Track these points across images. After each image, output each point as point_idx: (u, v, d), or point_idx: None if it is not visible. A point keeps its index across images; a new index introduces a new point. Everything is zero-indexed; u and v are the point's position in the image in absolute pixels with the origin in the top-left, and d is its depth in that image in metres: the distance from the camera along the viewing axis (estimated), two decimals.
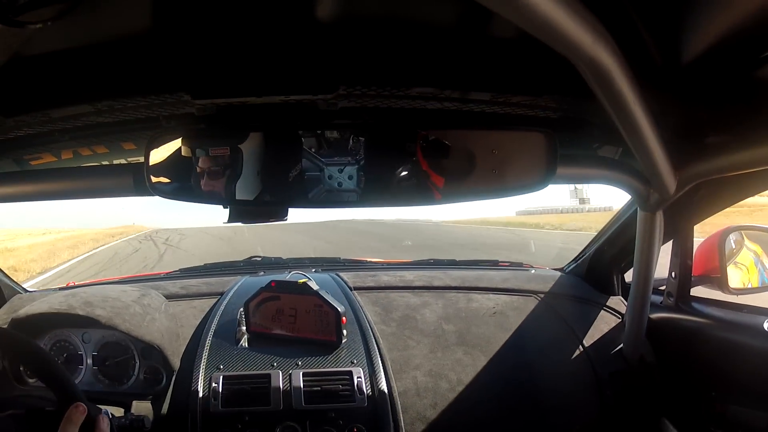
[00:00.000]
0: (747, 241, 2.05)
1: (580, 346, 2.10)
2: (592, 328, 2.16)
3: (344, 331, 1.98)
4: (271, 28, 1.00)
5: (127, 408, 1.85)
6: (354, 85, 1.13)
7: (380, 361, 1.94)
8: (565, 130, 1.36)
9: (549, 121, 1.35)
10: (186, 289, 2.32)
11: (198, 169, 1.25)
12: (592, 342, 2.12)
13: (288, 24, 0.99)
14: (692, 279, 1.95)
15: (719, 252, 1.92)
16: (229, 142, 1.23)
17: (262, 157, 1.25)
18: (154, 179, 1.26)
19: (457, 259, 2.78)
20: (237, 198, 1.26)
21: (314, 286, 2.00)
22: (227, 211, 1.32)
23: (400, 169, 1.26)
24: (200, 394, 1.84)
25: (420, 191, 1.26)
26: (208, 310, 2.19)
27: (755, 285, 2.02)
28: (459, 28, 1.02)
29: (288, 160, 1.25)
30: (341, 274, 2.44)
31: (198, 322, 2.13)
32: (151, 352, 1.95)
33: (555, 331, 2.16)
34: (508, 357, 2.06)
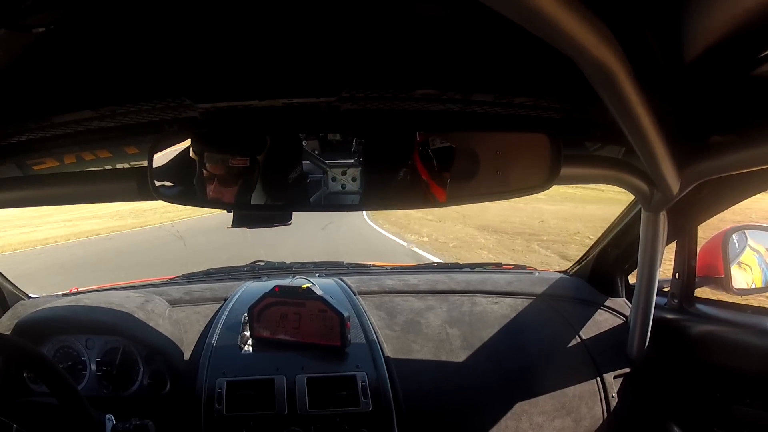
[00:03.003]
0: (750, 241, 2.05)
1: (585, 349, 2.10)
2: (596, 330, 2.15)
3: (349, 336, 1.98)
4: (272, 31, 1.00)
5: (131, 414, 1.85)
6: (357, 88, 1.13)
7: (385, 366, 1.94)
8: (568, 130, 1.36)
9: (552, 122, 1.35)
10: (189, 294, 2.31)
11: (205, 174, 1.25)
12: (596, 344, 2.11)
13: (289, 27, 0.99)
14: (696, 280, 1.95)
15: (723, 252, 1.91)
16: (246, 151, 1.23)
17: (266, 162, 1.25)
18: (157, 183, 1.26)
19: (461, 263, 2.77)
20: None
21: (318, 290, 2.00)
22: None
23: (401, 171, 1.26)
24: (205, 399, 1.84)
25: (422, 193, 1.27)
26: (211, 315, 2.19)
27: (759, 285, 2.01)
28: (461, 29, 1.02)
29: (291, 164, 1.25)
30: (345, 278, 2.44)
31: (202, 328, 2.13)
32: (155, 358, 1.95)
33: (559, 333, 2.15)
34: (512, 360, 2.06)
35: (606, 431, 1.98)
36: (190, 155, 1.25)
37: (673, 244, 1.94)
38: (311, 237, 12.81)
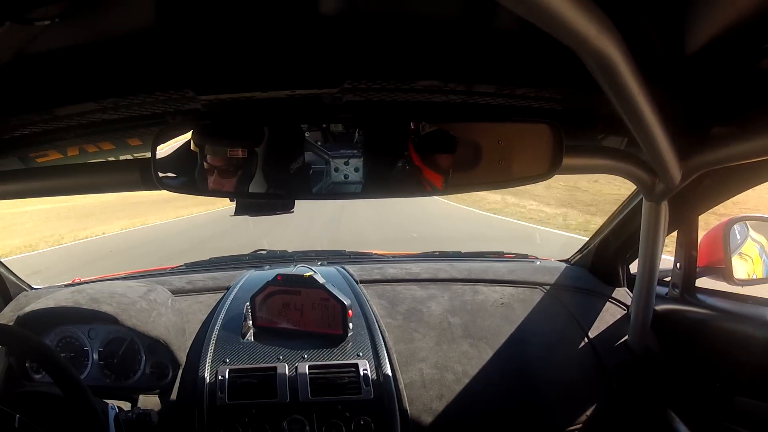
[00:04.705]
0: (752, 232, 2.05)
1: (586, 338, 2.11)
2: (597, 319, 2.16)
3: (350, 324, 1.99)
4: (275, 23, 1.00)
5: (134, 403, 1.86)
6: (359, 79, 1.13)
7: (386, 354, 1.95)
8: (570, 121, 1.36)
9: (554, 113, 1.35)
10: (192, 284, 2.32)
11: (206, 166, 1.26)
12: (597, 334, 2.12)
13: (292, 18, 0.99)
14: (697, 270, 1.95)
15: (724, 243, 1.91)
16: (243, 142, 1.25)
17: (268, 152, 1.26)
18: (161, 174, 1.27)
19: (463, 251, 2.78)
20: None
21: (320, 279, 2.01)
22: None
23: (402, 160, 1.27)
24: (207, 388, 1.85)
25: (422, 181, 1.28)
26: (214, 304, 2.20)
27: (760, 276, 2.01)
28: (464, 20, 1.02)
29: (293, 154, 1.26)
30: (347, 266, 2.45)
31: (204, 317, 2.14)
32: (158, 348, 1.96)
33: (561, 323, 2.16)
34: (513, 349, 2.06)
35: (606, 419, 1.99)
36: (191, 148, 1.26)
37: (674, 234, 1.94)
38: None
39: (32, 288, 2.34)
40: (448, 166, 1.27)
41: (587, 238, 2.48)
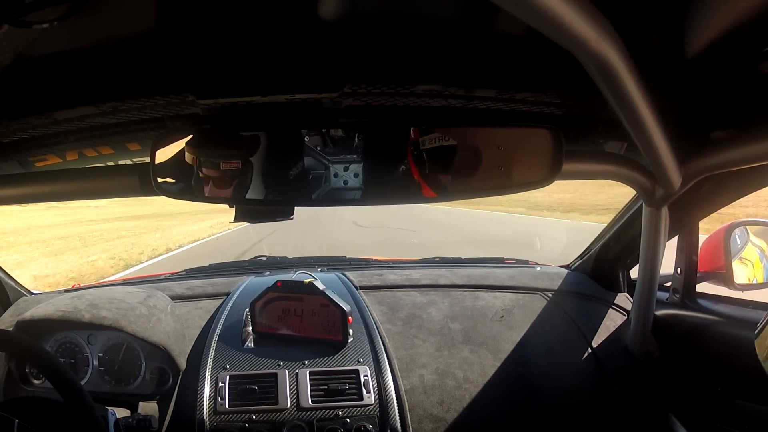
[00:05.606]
0: (752, 237, 2.05)
1: (586, 344, 2.10)
2: (598, 325, 2.15)
3: (350, 331, 1.98)
4: (275, 27, 1.00)
5: (134, 408, 1.86)
6: (359, 84, 1.13)
7: (386, 360, 1.95)
8: (570, 126, 1.36)
9: (554, 118, 1.35)
10: (192, 289, 2.32)
11: (201, 175, 1.26)
12: (598, 339, 2.12)
13: (292, 23, 0.99)
14: (698, 275, 1.95)
15: (725, 248, 1.91)
16: (238, 154, 1.25)
17: (268, 157, 1.25)
18: (160, 179, 1.27)
19: (463, 257, 2.78)
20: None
21: (320, 285, 2.01)
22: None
23: (401, 167, 1.27)
24: (207, 394, 1.84)
25: (421, 189, 1.28)
26: (213, 310, 2.20)
27: (761, 281, 2.01)
28: (463, 25, 1.02)
29: (293, 160, 1.26)
30: (347, 273, 2.45)
31: (204, 323, 2.14)
32: (157, 353, 1.96)
33: (561, 328, 2.16)
34: (514, 355, 2.06)
35: (607, 424, 1.99)
36: (189, 152, 1.26)
37: (675, 239, 1.94)
38: None
39: (31, 293, 2.33)
40: (446, 182, 1.28)
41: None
